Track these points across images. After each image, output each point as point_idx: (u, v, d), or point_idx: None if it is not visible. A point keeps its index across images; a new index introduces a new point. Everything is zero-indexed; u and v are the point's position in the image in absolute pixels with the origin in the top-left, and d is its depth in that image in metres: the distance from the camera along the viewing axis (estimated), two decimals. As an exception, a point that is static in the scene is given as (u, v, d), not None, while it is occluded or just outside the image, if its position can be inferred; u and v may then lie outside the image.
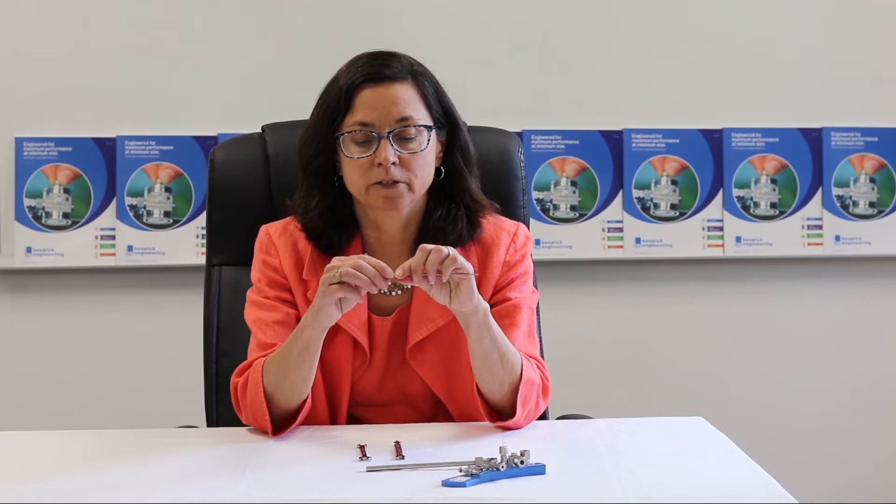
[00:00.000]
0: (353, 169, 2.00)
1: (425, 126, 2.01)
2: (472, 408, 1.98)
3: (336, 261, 1.85)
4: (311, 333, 1.88)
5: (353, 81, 2.00)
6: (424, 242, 1.98)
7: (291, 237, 2.08)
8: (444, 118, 2.06)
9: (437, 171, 2.06)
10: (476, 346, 1.90)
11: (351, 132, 1.99)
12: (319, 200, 2.05)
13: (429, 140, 2.01)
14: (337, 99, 2.01)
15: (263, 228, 2.12)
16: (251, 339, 2.05)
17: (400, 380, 2.06)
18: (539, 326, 2.24)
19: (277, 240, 2.08)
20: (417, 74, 2.04)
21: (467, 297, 1.85)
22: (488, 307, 1.91)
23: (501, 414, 1.95)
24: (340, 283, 1.81)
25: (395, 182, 1.98)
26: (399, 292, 2.05)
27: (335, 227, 2.05)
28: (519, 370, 1.93)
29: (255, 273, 2.10)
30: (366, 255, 1.85)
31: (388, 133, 1.98)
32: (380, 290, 1.83)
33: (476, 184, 2.11)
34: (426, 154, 2.01)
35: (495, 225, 2.11)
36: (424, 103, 2.03)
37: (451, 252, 1.81)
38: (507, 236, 2.10)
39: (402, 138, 1.99)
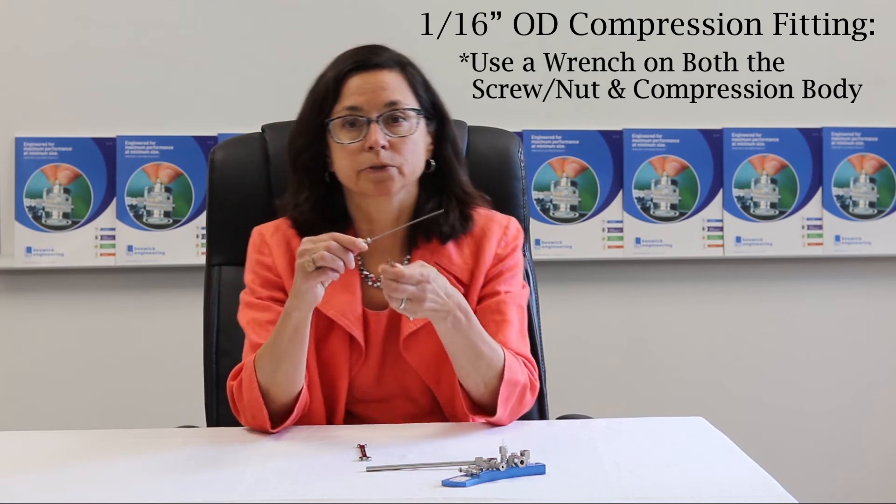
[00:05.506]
0: (343, 155, 2.01)
1: (414, 110, 2.01)
2: (458, 401, 1.99)
3: (307, 242, 1.84)
4: (298, 316, 1.88)
5: (340, 71, 2.02)
6: (417, 235, 2.00)
7: (284, 236, 2.08)
8: (433, 109, 2.07)
9: (427, 163, 2.06)
10: (448, 346, 1.93)
11: (340, 118, 2.00)
12: (310, 195, 2.05)
13: (418, 124, 2.02)
14: (325, 89, 2.02)
15: (256, 230, 2.12)
16: (245, 342, 2.05)
17: (397, 373, 2.06)
18: (532, 324, 2.23)
19: (270, 239, 2.08)
20: (405, 65, 2.06)
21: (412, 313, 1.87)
22: (457, 314, 1.89)
23: (484, 409, 1.96)
24: (319, 268, 1.81)
25: (386, 166, 1.98)
26: None
27: (327, 222, 2.03)
28: (498, 371, 1.93)
29: (249, 274, 2.09)
30: (335, 234, 1.83)
31: (378, 117, 1.99)
32: (357, 256, 1.84)
33: (466, 176, 2.11)
34: (416, 138, 2.02)
35: (487, 217, 2.11)
36: (413, 91, 2.04)
37: (412, 274, 1.82)
38: (499, 229, 2.10)
39: (391, 123, 2.00)
